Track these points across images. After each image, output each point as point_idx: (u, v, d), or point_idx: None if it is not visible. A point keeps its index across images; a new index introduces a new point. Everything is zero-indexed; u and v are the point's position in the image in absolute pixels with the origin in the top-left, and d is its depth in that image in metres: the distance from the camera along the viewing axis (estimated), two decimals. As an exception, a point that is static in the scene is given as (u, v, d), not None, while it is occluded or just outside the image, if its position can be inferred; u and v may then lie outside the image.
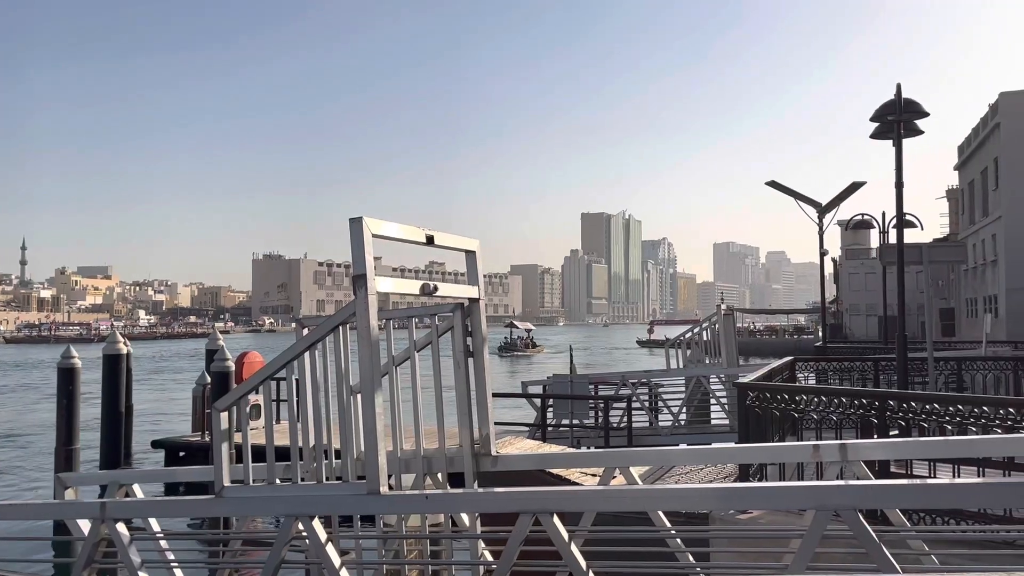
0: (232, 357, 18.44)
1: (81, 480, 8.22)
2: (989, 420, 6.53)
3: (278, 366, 5.55)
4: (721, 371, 18.60)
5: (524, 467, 6.37)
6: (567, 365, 39.62)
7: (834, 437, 7.43)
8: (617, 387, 18.58)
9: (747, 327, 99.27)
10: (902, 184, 13.70)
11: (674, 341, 20.34)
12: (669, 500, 5.25)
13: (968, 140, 50.89)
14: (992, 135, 44.03)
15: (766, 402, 8.21)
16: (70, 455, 16.37)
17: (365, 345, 5.02)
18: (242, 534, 6.48)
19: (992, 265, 43.93)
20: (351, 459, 5.52)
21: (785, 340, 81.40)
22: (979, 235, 47.12)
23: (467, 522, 5.81)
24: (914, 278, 45.80)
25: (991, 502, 5.78)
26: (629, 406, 16.43)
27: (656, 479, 10.67)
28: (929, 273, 14.16)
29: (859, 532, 4.23)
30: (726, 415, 17.60)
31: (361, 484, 5.12)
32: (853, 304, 70.52)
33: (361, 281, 5.02)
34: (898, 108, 13.22)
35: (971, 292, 49.71)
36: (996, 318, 38.41)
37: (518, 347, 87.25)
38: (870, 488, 4.52)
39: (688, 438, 17.27)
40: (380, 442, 5.00)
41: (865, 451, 5.86)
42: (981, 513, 6.71)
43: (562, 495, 5.13)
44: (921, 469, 7.45)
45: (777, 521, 6.55)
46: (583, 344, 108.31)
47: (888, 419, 7.35)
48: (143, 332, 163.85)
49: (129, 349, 19.65)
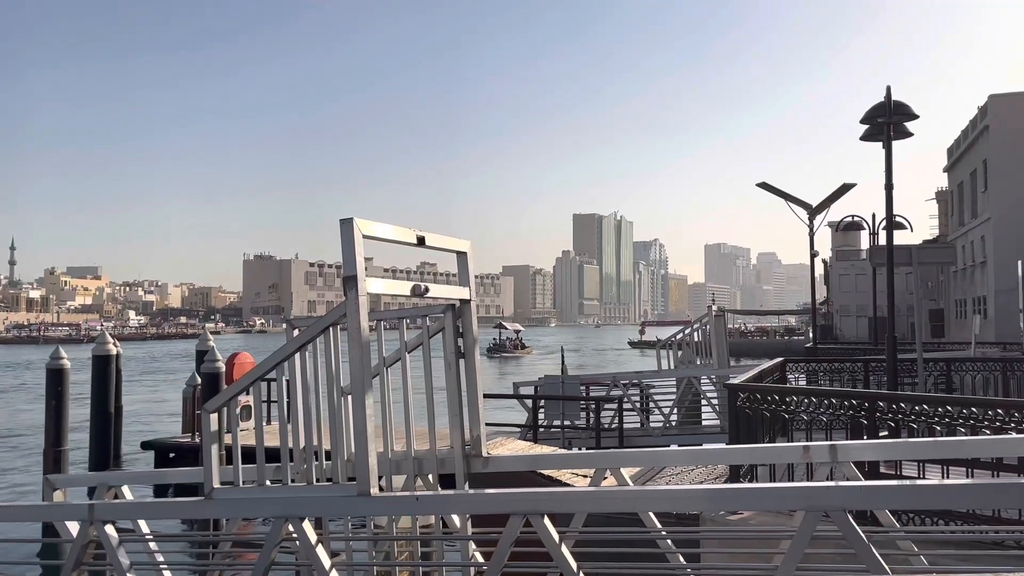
0: (222, 358, 18.36)
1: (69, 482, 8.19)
2: (978, 421, 6.57)
3: (268, 367, 5.53)
4: (712, 372, 18.63)
5: (515, 468, 6.36)
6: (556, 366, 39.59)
7: (824, 438, 7.45)
8: (608, 388, 18.60)
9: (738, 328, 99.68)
10: (892, 186, 13.76)
11: (665, 342, 20.38)
12: (660, 501, 5.25)
13: (957, 142, 51.18)
14: (981, 137, 44.31)
15: (756, 403, 8.23)
16: (59, 456, 16.27)
17: (356, 346, 5.01)
18: (232, 536, 6.46)
19: (981, 266, 44.18)
20: (342, 460, 5.50)
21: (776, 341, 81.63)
22: (968, 237, 47.40)
23: (458, 523, 5.80)
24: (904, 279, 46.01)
25: (980, 503, 5.81)
26: (620, 407, 16.44)
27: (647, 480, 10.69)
28: (919, 274, 14.23)
29: (848, 533, 4.24)
30: (717, 416, 17.62)
31: (351, 486, 5.10)
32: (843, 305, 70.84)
33: (352, 282, 5.01)
34: (888, 110, 13.26)
35: (960, 293, 49.98)
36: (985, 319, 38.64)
37: (507, 348, 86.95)
38: (859, 489, 4.54)
39: (679, 439, 17.29)
40: (370, 443, 4.99)
41: (855, 452, 5.88)
42: (970, 514, 6.74)
43: (553, 496, 5.13)
44: (910, 470, 7.48)
45: (767, 522, 6.58)
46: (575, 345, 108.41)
47: (878, 420, 7.38)
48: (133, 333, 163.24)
49: (119, 350, 19.54)
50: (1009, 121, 41.28)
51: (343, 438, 5.58)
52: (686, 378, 18.44)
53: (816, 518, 4.32)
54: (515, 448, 9.44)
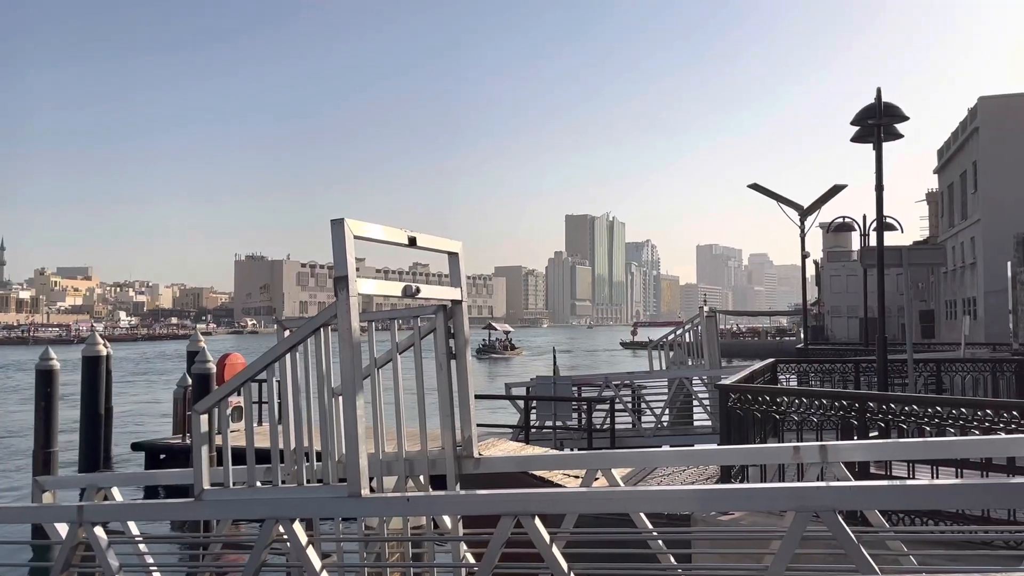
0: (213, 359, 18.30)
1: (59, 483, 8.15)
2: (967, 422, 6.60)
3: (259, 368, 5.52)
4: (704, 373, 18.66)
5: (506, 469, 6.36)
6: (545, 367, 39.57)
7: (815, 438, 7.48)
8: (600, 389, 18.61)
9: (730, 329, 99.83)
10: (882, 187, 13.82)
11: (657, 343, 20.40)
12: (650, 502, 5.26)
13: (947, 144, 51.43)
14: (971, 139, 44.53)
15: (747, 404, 8.25)
16: (48, 458, 16.16)
17: (347, 347, 5.00)
18: (222, 537, 6.44)
19: (971, 268, 44.39)
20: (332, 462, 5.49)
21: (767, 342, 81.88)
22: (958, 238, 47.62)
23: (449, 524, 5.80)
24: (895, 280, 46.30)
25: (969, 503, 5.84)
26: (612, 408, 16.45)
27: (638, 481, 10.69)
28: (909, 275, 14.30)
29: (838, 533, 4.26)
30: (708, 417, 17.66)
31: (342, 487, 5.09)
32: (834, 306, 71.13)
33: (343, 283, 5.00)
34: (878, 112, 13.32)
35: (950, 294, 50.21)
36: (975, 320, 38.84)
37: (496, 349, 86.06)
38: (849, 489, 4.55)
39: (670, 440, 17.31)
40: (361, 444, 4.98)
41: (845, 452, 5.90)
42: (959, 514, 6.77)
43: (544, 497, 5.13)
44: (900, 470, 7.51)
45: (758, 522, 6.59)
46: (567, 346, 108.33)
47: (868, 420, 7.41)
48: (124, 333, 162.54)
49: (109, 351, 19.44)
50: (999, 123, 41.50)
51: (334, 439, 5.57)
52: (678, 379, 18.47)
53: (806, 518, 4.33)
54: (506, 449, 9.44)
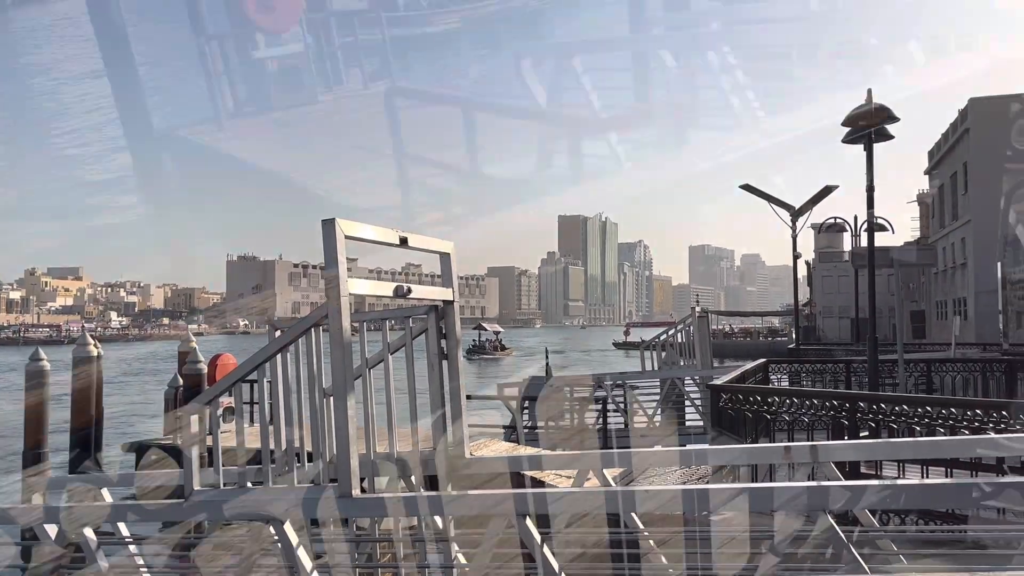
0: (205, 359, 18.25)
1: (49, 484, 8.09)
2: (957, 421, 6.63)
3: (250, 368, 5.50)
4: (695, 373, 18.69)
5: (498, 469, 6.36)
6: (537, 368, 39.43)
7: (806, 438, 7.51)
8: (592, 389, 18.62)
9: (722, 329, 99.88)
10: (873, 188, 13.88)
11: (649, 343, 20.41)
12: (642, 501, 5.26)
13: (938, 145, 51.66)
14: (961, 140, 44.74)
15: (739, 404, 8.28)
16: (38, 458, 16.12)
17: (338, 347, 4.99)
18: (212, 538, 6.41)
19: (961, 268, 44.60)
20: (323, 462, 5.48)
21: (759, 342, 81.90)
22: (949, 239, 47.84)
23: (440, 524, 5.79)
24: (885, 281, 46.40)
25: (958, 502, 5.86)
26: (604, 408, 16.46)
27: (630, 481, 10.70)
28: (900, 276, 14.35)
29: (829, 533, 4.27)
30: (700, 416, 17.69)
31: (333, 487, 5.08)
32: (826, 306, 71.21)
33: (333, 283, 4.99)
34: (869, 113, 13.37)
35: (941, 295, 50.44)
36: (965, 320, 39.04)
37: (486, 350, 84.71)
38: (840, 489, 4.56)
39: (662, 439, 17.33)
40: (352, 445, 4.98)
41: (835, 452, 5.92)
42: (949, 513, 6.80)
43: (535, 497, 5.13)
44: (890, 470, 7.54)
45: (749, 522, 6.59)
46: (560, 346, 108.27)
47: (859, 420, 7.44)
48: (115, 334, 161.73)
49: (100, 351, 19.39)
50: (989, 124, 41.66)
51: (325, 439, 5.56)
52: (670, 379, 18.50)
53: (797, 518, 4.34)
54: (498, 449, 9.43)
